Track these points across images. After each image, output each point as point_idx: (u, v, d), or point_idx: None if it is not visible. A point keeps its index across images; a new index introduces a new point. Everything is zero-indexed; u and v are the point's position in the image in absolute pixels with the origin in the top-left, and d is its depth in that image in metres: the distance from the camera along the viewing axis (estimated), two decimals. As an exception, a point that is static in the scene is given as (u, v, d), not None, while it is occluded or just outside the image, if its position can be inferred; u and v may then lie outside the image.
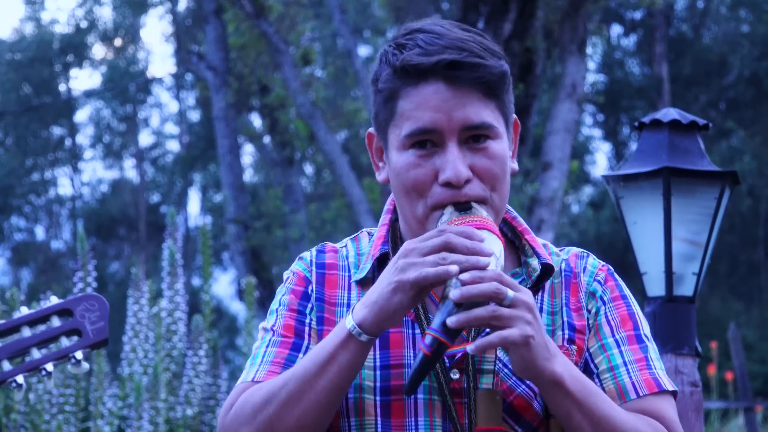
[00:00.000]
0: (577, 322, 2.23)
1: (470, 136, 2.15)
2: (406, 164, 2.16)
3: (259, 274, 17.78)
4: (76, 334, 2.24)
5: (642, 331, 2.25)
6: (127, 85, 36.28)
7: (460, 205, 2.13)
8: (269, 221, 18.32)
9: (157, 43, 65.56)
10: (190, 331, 6.56)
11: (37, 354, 2.21)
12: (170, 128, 38.87)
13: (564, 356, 2.10)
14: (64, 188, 38.34)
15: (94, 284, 6.50)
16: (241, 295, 11.73)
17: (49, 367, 2.20)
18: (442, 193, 2.14)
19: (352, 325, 2.07)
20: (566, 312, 2.24)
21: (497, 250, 2.08)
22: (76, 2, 38.76)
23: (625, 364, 2.20)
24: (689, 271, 4.28)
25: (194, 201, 41.94)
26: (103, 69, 38.12)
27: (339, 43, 24.56)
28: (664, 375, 2.23)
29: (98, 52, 38.46)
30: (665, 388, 2.21)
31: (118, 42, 38.17)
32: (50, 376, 2.20)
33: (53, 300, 2.26)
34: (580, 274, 2.27)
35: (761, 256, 30.32)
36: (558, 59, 13.61)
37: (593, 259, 2.30)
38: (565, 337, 2.22)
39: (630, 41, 33.43)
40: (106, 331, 2.24)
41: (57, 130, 38.39)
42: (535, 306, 2.05)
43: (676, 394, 2.24)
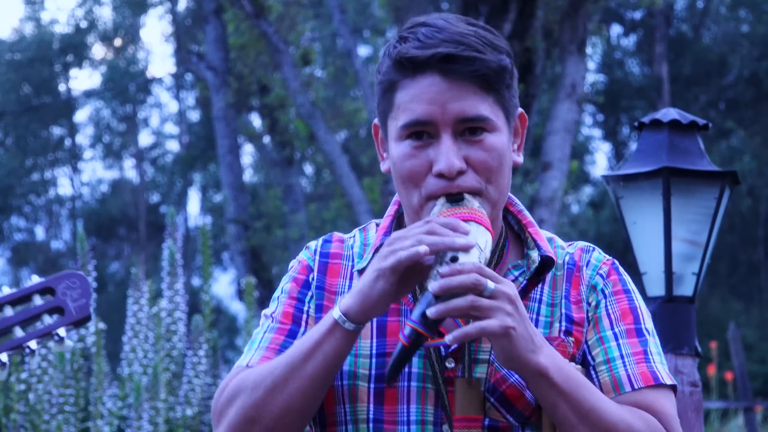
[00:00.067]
0: (576, 315, 2.23)
1: (466, 128, 2.16)
2: (402, 155, 2.18)
3: (259, 274, 17.78)
4: (59, 312, 2.24)
5: (643, 325, 2.24)
6: (126, 85, 36.28)
7: (452, 197, 2.15)
8: (269, 221, 18.33)
9: (156, 43, 65.61)
10: (189, 331, 6.56)
11: (20, 333, 2.21)
12: (170, 128, 38.92)
13: (551, 348, 2.11)
14: (64, 188, 38.39)
15: (94, 284, 6.51)
16: (241, 295, 11.73)
17: (33, 345, 2.21)
18: (436, 184, 2.16)
19: (338, 313, 2.10)
20: (565, 304, 2.24)
21: (482, 241, 2.09)
22: (76, 2, 38.77)
23: (622, 356, 2.20)
24: (689, 271, 4.29)
25: (194, 201, 41.95)
26: (103, 69, 38.13)
27: (339, 43, 24.55)
28: (663, 369, 2.21)
29: (98, 52, 38.51)
30: (663, 382, 2.19)
31: (117, 42, 38.17)
32: (33, 354, 2.21)
33: (34, 279, 2.26)
34: (583, 268, 2.27)
35: (761, 256, 30.32)
36: (558, 59, 13.60)
37: (598, 253, 2.30)
38: (562, 328, 2.22)
39: (630, 41, 33.43)
40: (88, 308, 2.25)
41: (57, 130, 38.39)
42: (517, 298, 2.05)
43: (675, 389, 2.22)
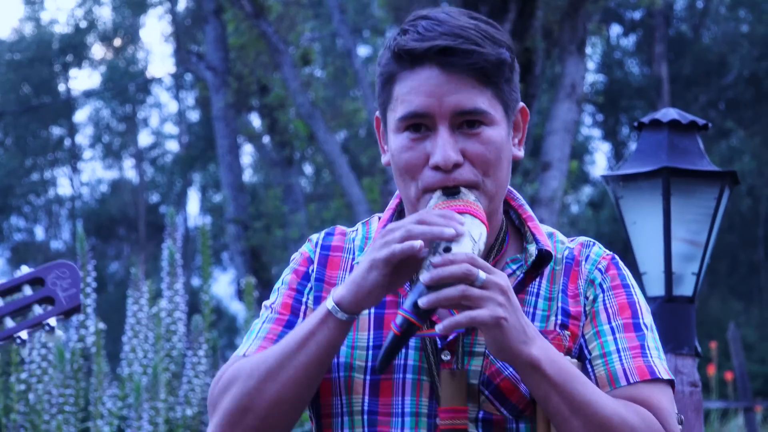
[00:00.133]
0: (573, 308, 2.23)
1: (464, 121, 2.16)
2: (400, 147, 2.19)
3: (259, 274, 17.77)
4: (49, 302, 2.25)
5: (641, 320, 2.23)
6: (126, 85, 36.28)
7: (449, 190, 2.15)
8: (269, 221, 18.33)
9: (156, 43, 65.61)
10: (189, 332, 6.56)
11: (10, 323, 2.22)
12: (170, 128, 38.92)
13: (545, 340, 2.11)
14: (64, 188, 38.39)
15: (94, 284, 6.51)
16: (241, 295, 11.73)
17: (24, 335, 2.21)
18: (432, 177, 2.16)
19: (332, 303, 2.11)
20: (562, 298, 2.23)
21: (476, 233, 2.09)
22: (76, 2, 38.77)
23: (618, 350, 2.19)
24: (689, 271, 4.29)
25: (194, 201, 41.98)
26: (103, 69, 38.13)
27: (338, 43, 24.56)
28: (661, 364, 2.20)
29: (98, 52, 38.51)
30: (659, 376, 2.18)
31: (117, 42, 38.17)
32: (24, 344, 2.22)
33: (24, 270, 2.26)
34: (582, 262, 2.27)
35: (761, 256, 30.33)
36: (557, 59, 13.60)
37: (598, 248, 2.30)
38: (558, 322, 2.22)
39: (629, 41, 33.44)
40: (78, 298, 2.25)
41: (56, 130, 38.39)
42: (509, 289, 2.05)
43: (673, 384, 2.21)
